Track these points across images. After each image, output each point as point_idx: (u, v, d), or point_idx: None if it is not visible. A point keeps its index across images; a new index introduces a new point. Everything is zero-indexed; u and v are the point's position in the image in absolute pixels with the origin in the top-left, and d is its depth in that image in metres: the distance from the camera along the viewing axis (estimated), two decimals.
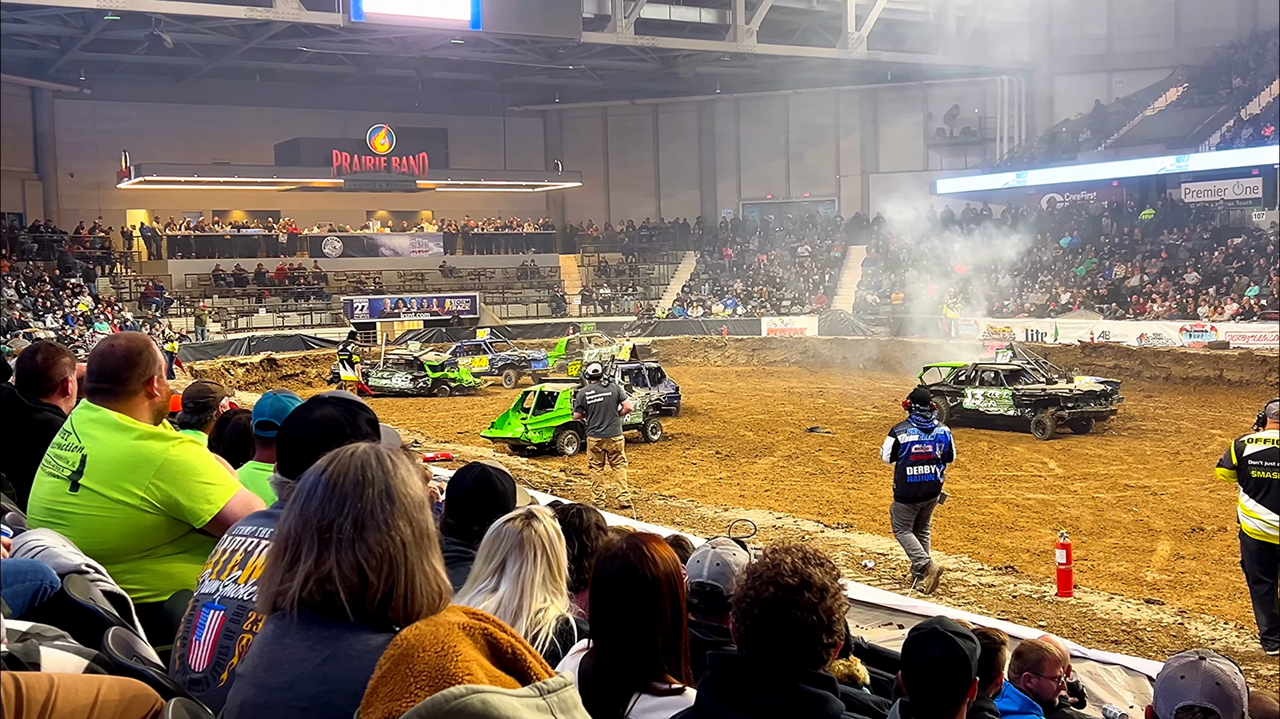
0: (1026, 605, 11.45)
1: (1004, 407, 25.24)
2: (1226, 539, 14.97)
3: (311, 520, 2.02)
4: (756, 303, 49.09)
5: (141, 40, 39.38)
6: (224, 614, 2.67)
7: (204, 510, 3.42)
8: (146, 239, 47.45)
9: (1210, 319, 36.17)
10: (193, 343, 39.30)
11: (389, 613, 2.00)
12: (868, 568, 13.16)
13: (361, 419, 2.84)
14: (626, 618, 2.79)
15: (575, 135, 58.72)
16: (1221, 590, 12.57)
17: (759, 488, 19.40)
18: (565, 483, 19.19)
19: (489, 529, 3.43)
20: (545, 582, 3.34)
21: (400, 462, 2.10)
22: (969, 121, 52.70)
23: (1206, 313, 36.61)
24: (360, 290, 48.67)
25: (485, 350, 39.27)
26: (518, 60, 48.14)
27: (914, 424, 12.91)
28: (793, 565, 2.60)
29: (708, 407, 30.88)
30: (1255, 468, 9.96)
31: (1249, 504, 10.03)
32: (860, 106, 54.19)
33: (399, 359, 36.08)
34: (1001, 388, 25.48)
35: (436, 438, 25.35)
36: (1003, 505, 17.59)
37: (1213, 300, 37.11)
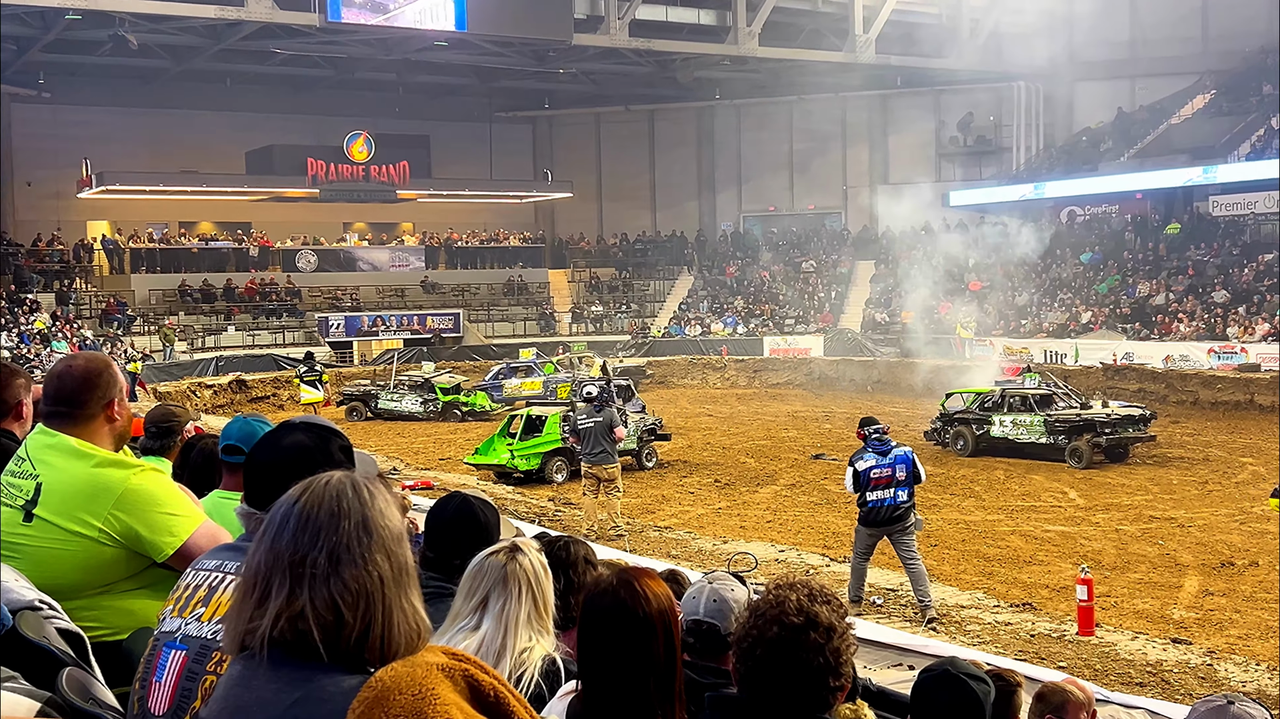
0: (1045, 645, 11.44)
1: (1035, 434, 25.16)
2: (1259, 574, 14.98)
3: (283, 554, 2.01)
4: (758, 321, 49.14)
5: (105, 41, 39.42)
6: (186, 654, 2.65)
7: (166, 543, 3.41)
8: (108, 252, 47.43)
9: (1240, 340, 36.23)
10: (157, 363, 39.24)
11: (365, 653, 1.99)
12: (876, 604, 13.15)
13: (334, 445, 2.84)
14: (617, 658, 2.77)
15: (566, 143, 58.85)
16: (1253, 629, 12.56)
17: (761, 519, 19.38)
18: (554, 513, 19.16)
19: (471, 563, 3.42)
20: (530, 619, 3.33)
21: (378, 491, 2.10)
22: (984, 130, 52.88)
23: (1236, 333, 36.67)
24: (336, 307, 48.66)
25: (535, 372, 37.58)
26: (505, 64, 48.26)
27: (870, 449, 13.21)
28: (798, 603, 2.60)
29: (706, 431, 30.87)
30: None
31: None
32: (868, 114, 54.39)
33: (410, 380, 35.98)
34: (1032, 414, 25.42)
35: (416, 465, 25.31)
36: (1020, 538, 17.58)
37: (1243, 320, 37.19)
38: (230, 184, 48.80)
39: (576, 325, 51.62)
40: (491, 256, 55.32)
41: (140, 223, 48.62)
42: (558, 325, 51.47)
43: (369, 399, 35.63)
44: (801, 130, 55.07)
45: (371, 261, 52.72)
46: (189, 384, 36.84)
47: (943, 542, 17.32)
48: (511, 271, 54.36)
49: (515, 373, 37.40)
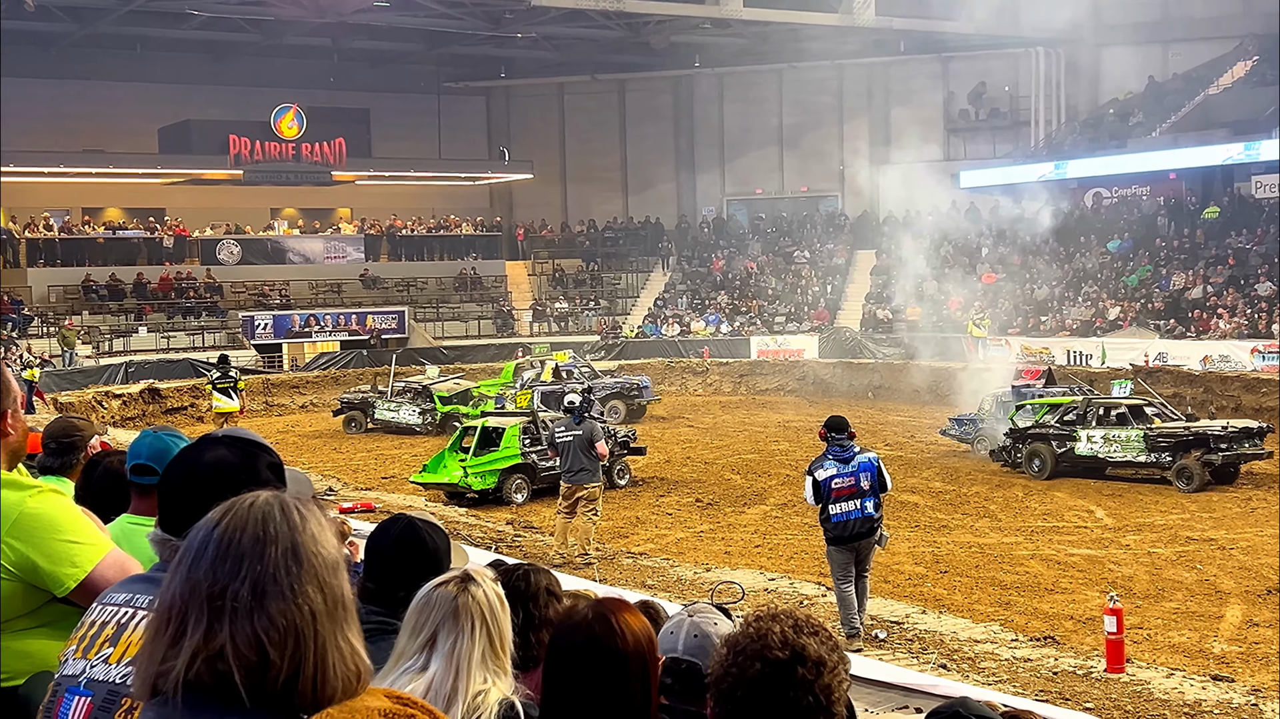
0: (1070, 683, 11.49)
1: (1133, 451, 24.62)
2: None
3: (201, 585, 2.00)
4: (745, 319, 49.24)
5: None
6: (91, 700, 2.65)
7: (67, 575, 3.39)
8: (1, 243, 47.12)
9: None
10: (57, 369, 39.00)
11: (294, 697, 1.98)
12: (879, 639, 13.19)
13: (262, 463, 2.84)
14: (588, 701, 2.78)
15: (525, 117, 58.82)
16: None
17: (748, 543, 19.41)
18: (513, 538, 19.13)
19: (417, 595, 3.42)
20: (486, 658, 3.33)
21: (310, 514, 2.09)
22: (998, 102, 53.14)
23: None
24: (263, 305, 48.48)
25: (580, 376, 36.30)
26: (456, 27, 48.19)
27: (830, 456, 13.39)
28: (783, 636, 2.60)
29: (686, 444, 30.89)
30: None
31: None
32: (869, 84, 54.59)
33: (406, 388, 35.62)
34: (1128, 428, 24.81)
35: (356, 484, 25.23)
36: (1041, 563, 17.68)
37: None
38: (141, 165, 48.52)
39: (538, 324, 51.60)
40: (440, 247, 55.21)
41: (38, 209, 48.31)
42: (516, 325, 51.44)
43: (367, 408, 35.33)
44: (793, 103, 55.21)
45: (303, 253, 52.54)
46: (94, 393, 36.61)
47: (954, 567, 17.40)
48: (463, 263, 54.28)
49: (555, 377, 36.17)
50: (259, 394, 41.09)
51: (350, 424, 35.17)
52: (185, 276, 48.49)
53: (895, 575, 16.97)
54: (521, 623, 3.60)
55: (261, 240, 52.01)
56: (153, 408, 37.26)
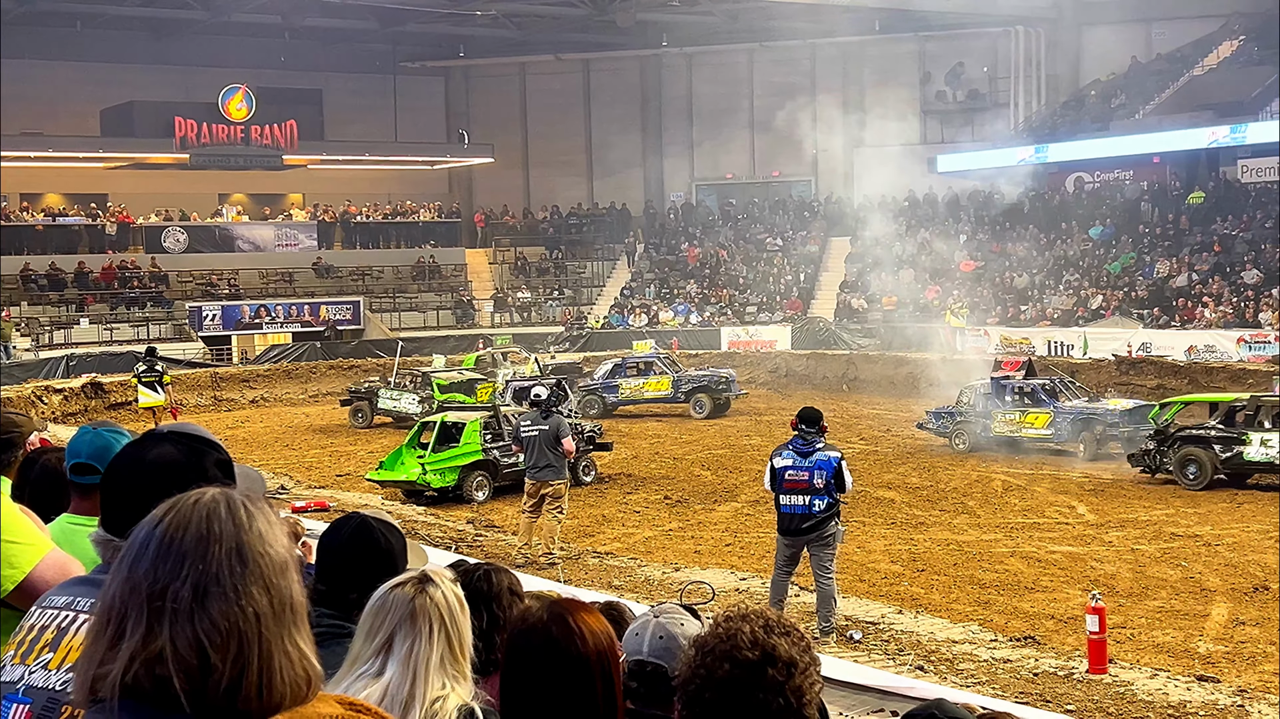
0: (1050, 684, 11.57)
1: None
2: None
3: (141, 585, 1.99)
4: (715, 309, 49.30)
5: None
6: (30, 708, 2.63)
7: (5, 577, 3.38)
8: None
9: (1275, 327, 36.81)
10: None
11: (238, 704, 1.97)
12: (854, 640, 13.24)
13: (209, 460, 2.83)
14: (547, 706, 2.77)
15: (485, 99, 58.69)
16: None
17: (718, 541, 19.44)
18: (474, 538, 19.13)
19: (372, 597, 3.41)
20: (444, 663, 3.33)
21: (258, 512, 2.08)
22: (976, 83, 53.37)
23: (1270, 319, 37.26)
24: (211, 295, 48.26)
25: (661, 369, 36.01)
26: (412, 4, 48.07)
27: (791, 447, 13.72)
28: (753, 636, 2.61)
29: (654, 439, 30.91)
30: None
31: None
32: (843, 64, 54.75)
33: (408, 376, 35.78)
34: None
35: (310, 482, 25.15)
36: (1021, 560, 17.77)
37: (1276, 304, 37.78)
38: (82, 148, 48.23)
39: (500, 315, 51.55)
40: (397, 234, 55.10)
41: None
42: (477, 315, 51.36)
43: (373, 398, 35.53)
44: (764, 84, 55.29)
45: (253, 240, 52.33)
46: (34, 388, 36.34)
47: (931, 565, 17.47)
48: (421, 251, 54.17)
49: (633, 369, 36.21)
50: (207, 389, 40.89)
51: (357, 415, 35.37)
52: (129, 265, 48.19)
53: (871, 574, 17.03)
54: (483, 626, 3.60)
55: (209, 227, 51.74)
56: (95, 403, 37.01)
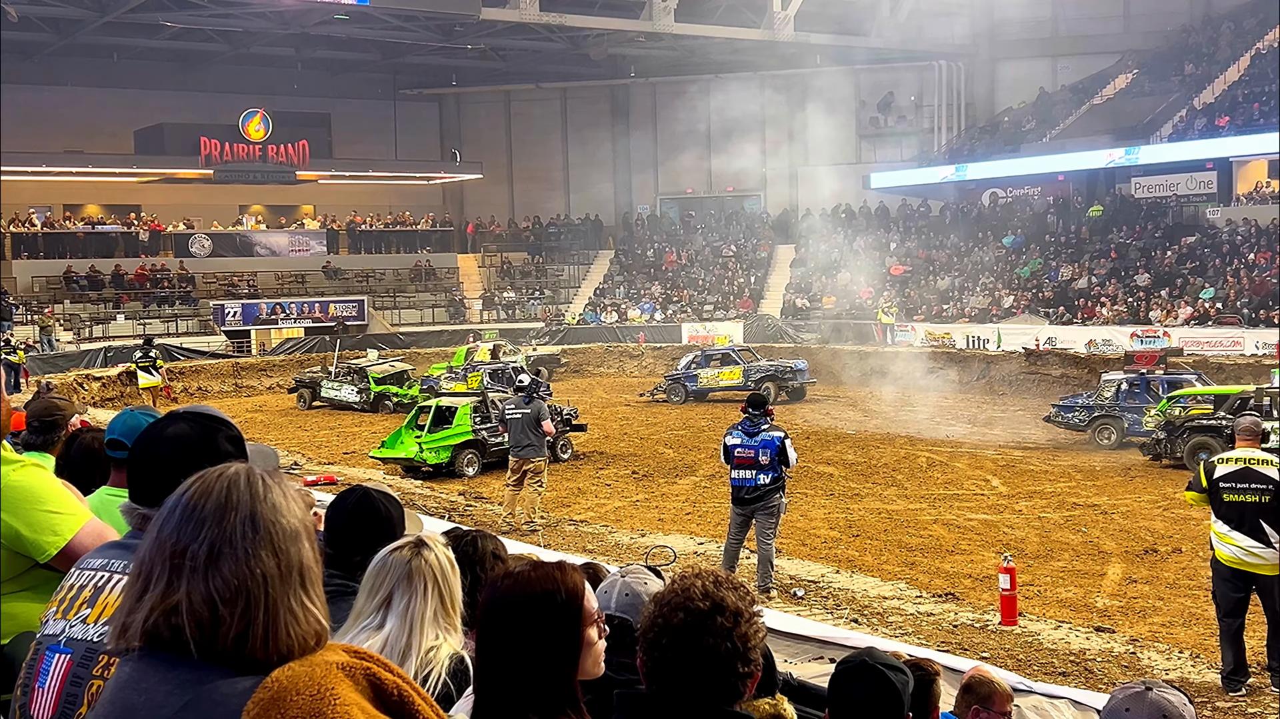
0: (968, 635, 11.63)
1: None
2: (1181, 561, 15.37)
3: (165, 545, 1.99)
4: (676, 307, 49.32)
5: None
6: (71, 658, 2.62)
7: (49, 543, 3.35)
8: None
9: (1163, 324, 37.07)
10: (40, 354, 38.42)
11: (244, 652, 1.97)
12: (797, 597, 13.28)
13: (221, 437, 2.81)
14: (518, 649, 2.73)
15: (474, 122, 58.54)
16: (1176, 617, 12.87)
17: (679, 510, 19.47)
18: (464, 508, 19.09)
19: (374, 559, 3.41)
20: (437, 617, 3.33)
21: (275, 485, 2.07)
22: (904, 110, 53.52)
23: (1159, 317, 37.51)
24: (232, 294, 47.99)
25: (734, 360, 35.55)
26: (410, 38, 47.86)
27: (740, 428, 13.94)
28: (704, 589, 2.62)
29: (623, 421, 30.93)
30: (1227, 490, 10.12)
31: (1222, 529, 10.19)
32: (788, 93, 54.76)
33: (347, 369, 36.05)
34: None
35: (320, 459, 25.06)
36: (942, 527, 17.85)
37: (1165, 304, 38.04)
38: (118, 164, 47.94)
39: (488, 312, 51.44)
40: (397, 241, 54.92)
41: (22, 206, 47.53)
42: (468, 312, 51.23)
43: (316, 386, 36.02)
44: (719, 110, 55.23)
45: (270, 246, 52.06)
46: (76, 376, 36.10)
47: (865, 532, 17.55)
48: (418, 256, 54.01)
49: (711, 361, 35.75)
50: (229, 377, 40.73)
51: (300, 400, 36.15)
52: (160, 268, 47.89)
53: (811, 539, 17.08)
54: (470, 584, 3.60)
55: (231, 235, 51.44)
56: (130, 389, 36.74)
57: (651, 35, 46.87)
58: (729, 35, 46.93)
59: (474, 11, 42.40)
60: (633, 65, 53.87)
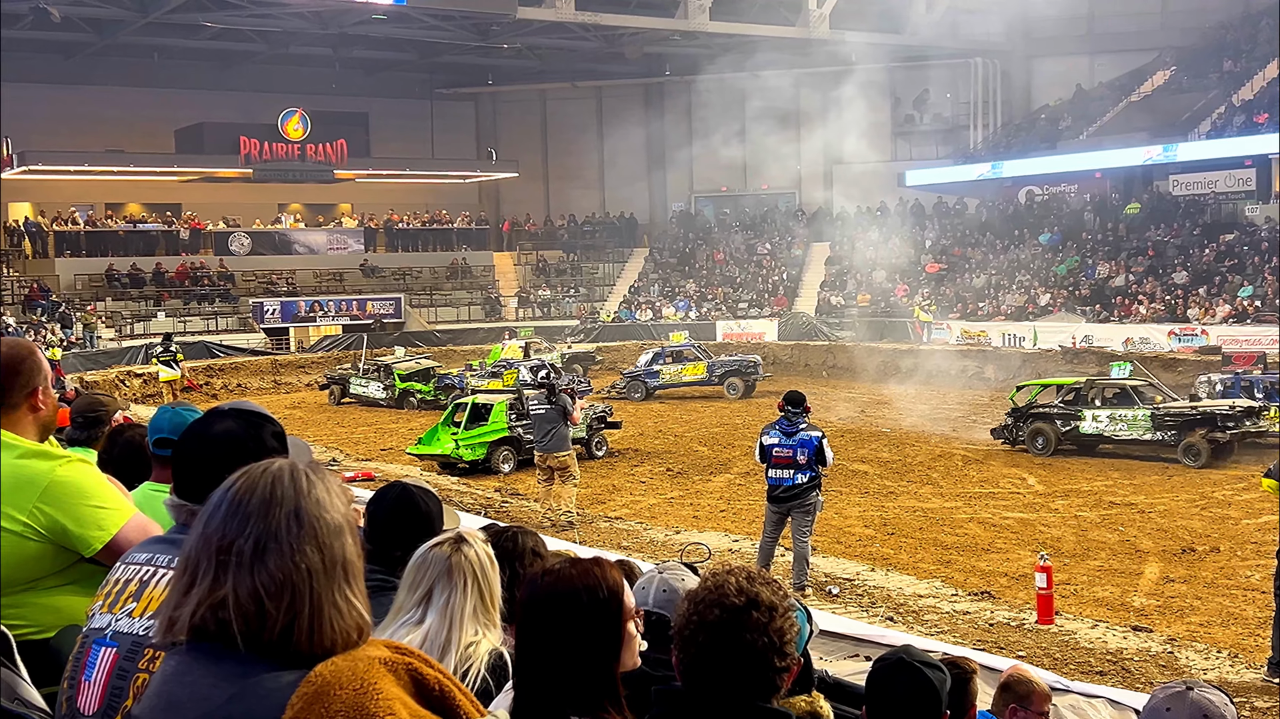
0: (1004, 634, 11.58)
1: (1139, 430, 23.68)
2: (1219, 560, 15.24)
3: (212, 540, 2.01)
4: (711, 305, 49.27)
5: (25, 14, 38.84)
6: (117, 651, 2.64)
7: (95, 537, 3.38)
8: (31, 235, 46.75)
9: (1201, 322, 36.76)
10: (82, 350, 38.76)
11: (291, 647, 1.98)
12: (832, 594, 13.25)
13: (266, 433, 2.83)
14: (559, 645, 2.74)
15: (510, 121, 58.63)
16: (1214, 616, 12.77)
17: (714, 508, 19.46)
18: (500, 504, 19.15)
19: (414, 555, 3.42)
20: (477, 612, 3.34)
21: (319, 481, 2.09)
22: (940, 108, 53.25)
23: (1197, 315, 37.20)
24: (271, 292, 48.25)
25: (696, 355, 36.21)
26: (447, 38, 47.97)
27: (777, 426, 13.85)
28: (738, 585, 2.63)
29: (658, 418, 30.93)
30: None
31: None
32: (823, 91, 54.50)
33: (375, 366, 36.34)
34: (1133, 407, 23.86)
35: (357, 455, 25.19)
36: (978, 525, 17.77)
37: (1203, 301, 37.72)
38: (159, 164, 48.28)
39: (523, 310, 51.52)
40: (434, 239, 55.06)
41: (64, 204, 47.98)
42: (503, 310, 51.36)
43: (345, 382, 36.54)
44: (754, 108, 55.08)
45: (308, 244, 52.31)
46: (117, 373, 36.41)
47: (900, 530, 17.49)
48: (455, 254, 54.14)
49: (672, 357, 36.30)
50: (268, 374, 40.99)
51: (331, 396, 36.77)
52: (200, 266, 48.19)
53: (846, 537, 17.04)
54: (509, 580, 3.60)
55: (270, 233, 51.72)
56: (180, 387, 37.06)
57: (687, 34, 46.84)
58: (764, 33, 46.85)
59: (510, 11, 42.48)
60: (668, 64, 53.82)
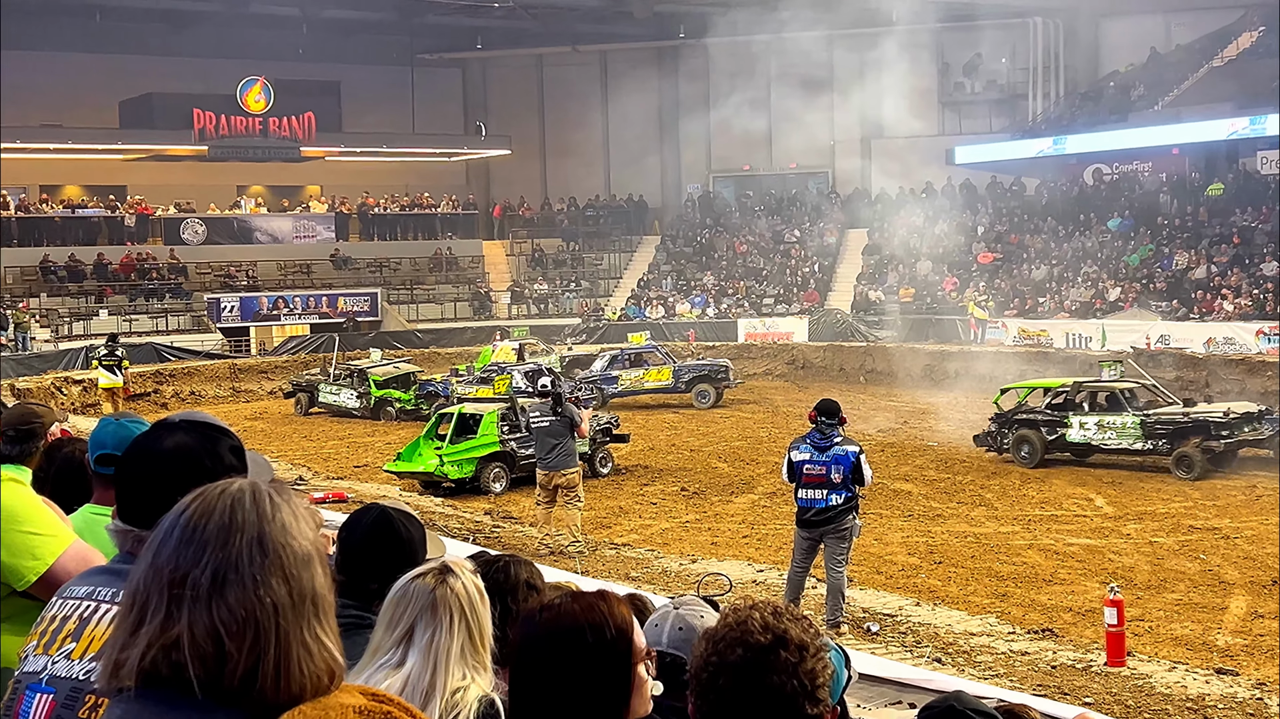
0: (1068, 677, 11.54)
1: (1129, 438, 24.36)
2: None
3: (163, 572, 2.00)
4: (732, 301, 49.24)
5: None
6: (53, 698, 2.64)
7: (28, 568, 3.38)
8: None
9: None
10: (13, 353, 38.80)
11: (254, 692, 1.97)
12: (872, 632, 13.22)
13: (224, 447, 2.82)
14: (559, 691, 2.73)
15: (502, 91, 58.68)
16: None
17: (735, 533, 19.44)
18: (491, 529, 19.12)
19: (393, 588, 3.42)
20: (465, 653, 3.33)
21: (284, 503, 2.08)
22: (994, 75, 53.16)
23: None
24: (229, 287, 48.33)
25: (660, 359, 36.34)
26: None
27: (809, 440, 13.63)
28: (763, 621, 2.61)
29: (671, 431, 30.90)
30: None
31: None
32: (860, 55, 54.46)
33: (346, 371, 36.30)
34: (1122, 413, 24.60)
35: (328, 473, 25.19)
36: (1039, 553, 17.74)
37: None
38: (101, 140, 48.33)
39: (517, 307, 51.56)
40: (414, 226, 55.11)
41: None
42: (494, 307, 51.37)
43: (313, 390, 36.44)
44: (781, 75, 55.07)
45: (271, 232, 52.39)
46: (53, 379, 36.45)
47: (949, 558, 17.46)
48: (439, 243, 54.20)
49: (631, 360, 36.39)
50: (225, 380, 41.02)
51: (297, 405, 36.76)
52: (147, 257, 48.29)
53: (888, 566, 17.01)
54: (501, 616, 3.60)
55: (227, 219, 51.82)
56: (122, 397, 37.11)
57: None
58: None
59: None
60: (681, 24, 53.80)
